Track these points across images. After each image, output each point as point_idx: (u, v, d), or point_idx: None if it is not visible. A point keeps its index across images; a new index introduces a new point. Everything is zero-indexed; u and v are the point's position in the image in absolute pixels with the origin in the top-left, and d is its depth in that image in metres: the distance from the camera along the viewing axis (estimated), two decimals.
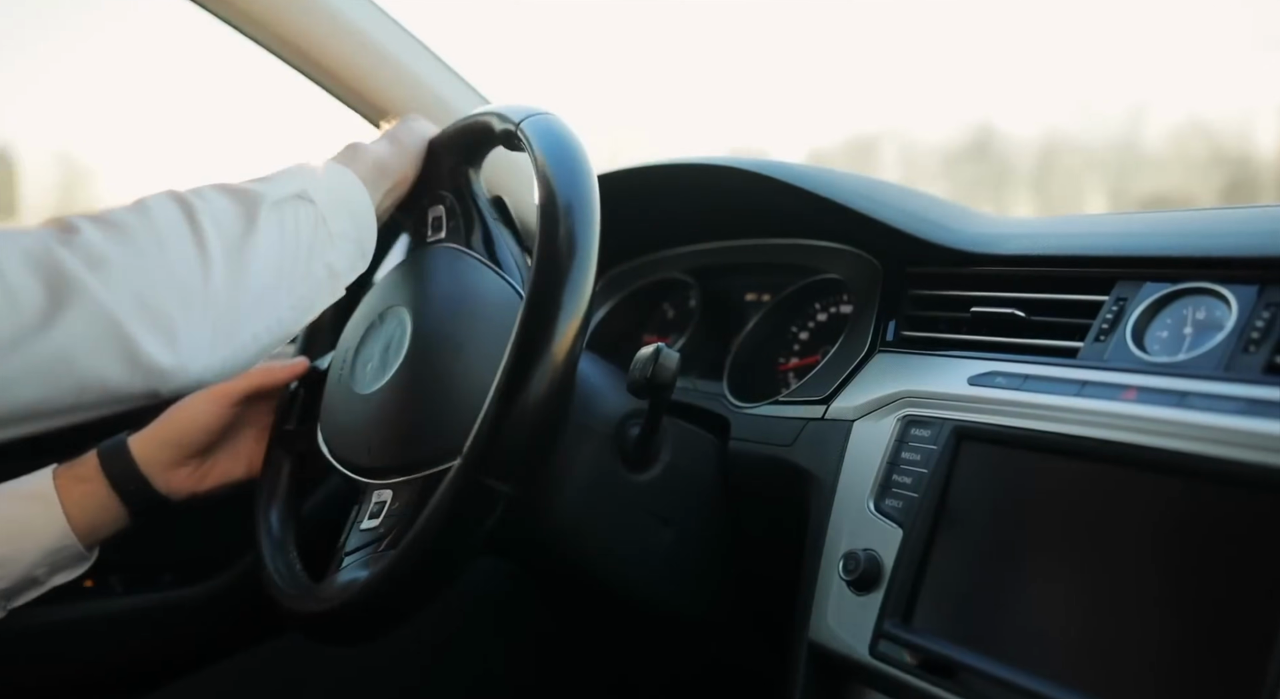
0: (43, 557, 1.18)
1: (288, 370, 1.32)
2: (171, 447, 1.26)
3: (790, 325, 1.51)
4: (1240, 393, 0.85)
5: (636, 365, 1.10)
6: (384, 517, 1.11)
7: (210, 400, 1.27)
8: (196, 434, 1.26)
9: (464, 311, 1.14)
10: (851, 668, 1.06)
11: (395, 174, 1.23)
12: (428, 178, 1.28)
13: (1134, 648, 0.83)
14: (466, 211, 1.25)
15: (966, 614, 0.96)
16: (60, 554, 1.20)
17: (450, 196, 1.26)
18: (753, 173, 1.34)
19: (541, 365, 0.95)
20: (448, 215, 1.25)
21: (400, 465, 1.12)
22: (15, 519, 1.18)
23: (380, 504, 1.12)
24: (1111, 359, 0.98)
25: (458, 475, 0.98)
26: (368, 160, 1.20)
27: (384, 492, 1.13)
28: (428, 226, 1.27)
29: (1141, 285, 1.01)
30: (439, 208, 1.26)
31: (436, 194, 1.27)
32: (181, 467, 1.27)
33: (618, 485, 1.19)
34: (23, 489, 1.21)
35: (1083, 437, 0.92)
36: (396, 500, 1.11)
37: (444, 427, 1.07)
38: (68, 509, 1.20)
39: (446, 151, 1.28)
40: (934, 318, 1.21)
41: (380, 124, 1.43)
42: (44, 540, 1.18)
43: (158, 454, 1.25)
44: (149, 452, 1.25)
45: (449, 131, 1.27)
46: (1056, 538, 0.92)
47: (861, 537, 1.08)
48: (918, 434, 1.08)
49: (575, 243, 0.97)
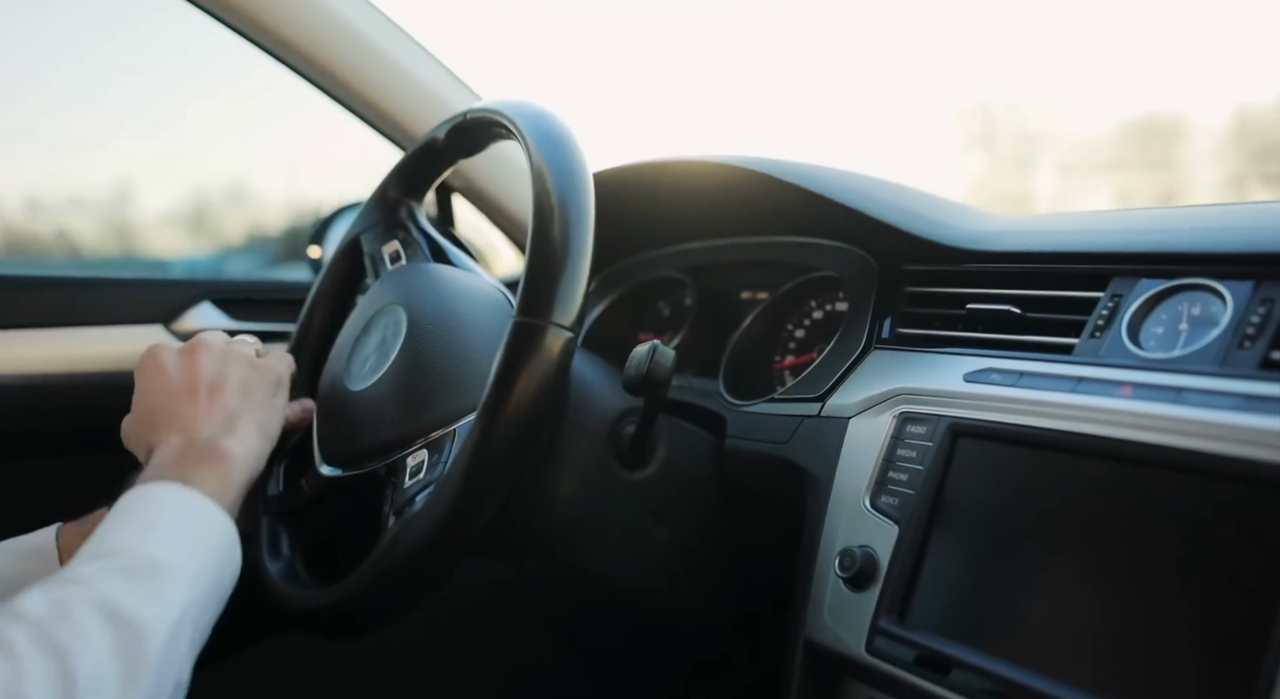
0: None
1: (299, 418, 1.28)
2: None
3: (786, 323, 1.51)
4: (1236, 388, 0.85)
5: (632, 363, 1.10)
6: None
7: None
8: None
9: (455, 306, 1.15)
10: (847, 665, 1.06)
11: (256, 467, 1.10)
12: (376, 223, 1.35)
13: (1129, 643, 0.83)
14: (418, 241, 1.31)
15: (962, 611, 0.96)
16: None
17: (401, 232, 1.32)
18: (748, 170, 1.34)
19: (535, 365, 0.95)
20: (403, 246, 1.31)
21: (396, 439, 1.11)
22: (13, 575, 1.12)
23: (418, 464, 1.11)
24: (1107, 355, 0.98)
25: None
26: (234, 475, 1.04)
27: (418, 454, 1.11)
28: (385, 262, 1.31)
29: (1137, 281, 1.01)
30: (393, 243, 1.32)
31: (386, 235, 1.33)
32: None
33: (613, 483, 1.19)
34: (23, 546, 1.16)
35: (1078, 433, 0.92)
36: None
37: (438, 402, 1.07)
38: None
39: (390, 190, 1.35)
40: (929, 315, 1.21)
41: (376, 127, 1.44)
42: None
43: None
44: None
45: (392, 172, 1.33)
46: (1052, 534, 0.92)
47: (857, 534, 1.08)
48: (913, 431, 1.08)
49: (569, 239, 0.97)
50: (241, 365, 1.12)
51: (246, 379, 1.12)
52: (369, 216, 1.36)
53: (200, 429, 1.05)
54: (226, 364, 1.11)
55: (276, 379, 1.15)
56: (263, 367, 1.15)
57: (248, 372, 1.12)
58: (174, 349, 1.13)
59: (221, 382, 1.10)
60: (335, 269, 1.40)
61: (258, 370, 1.13)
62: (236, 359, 1.12)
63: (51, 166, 2.15)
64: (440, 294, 1.16)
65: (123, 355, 1.70)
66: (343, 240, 1.39)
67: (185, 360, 1.11)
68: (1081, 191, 6.25)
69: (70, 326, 1.66)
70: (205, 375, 1.10)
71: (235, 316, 1.81)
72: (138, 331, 1.72)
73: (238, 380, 1.11)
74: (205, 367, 1.10)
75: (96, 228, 2.38)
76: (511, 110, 1.13)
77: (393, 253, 1.31)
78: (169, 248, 2.61)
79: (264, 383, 1.13)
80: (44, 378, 1.62)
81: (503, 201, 1.91)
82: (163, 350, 1.13)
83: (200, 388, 1.08)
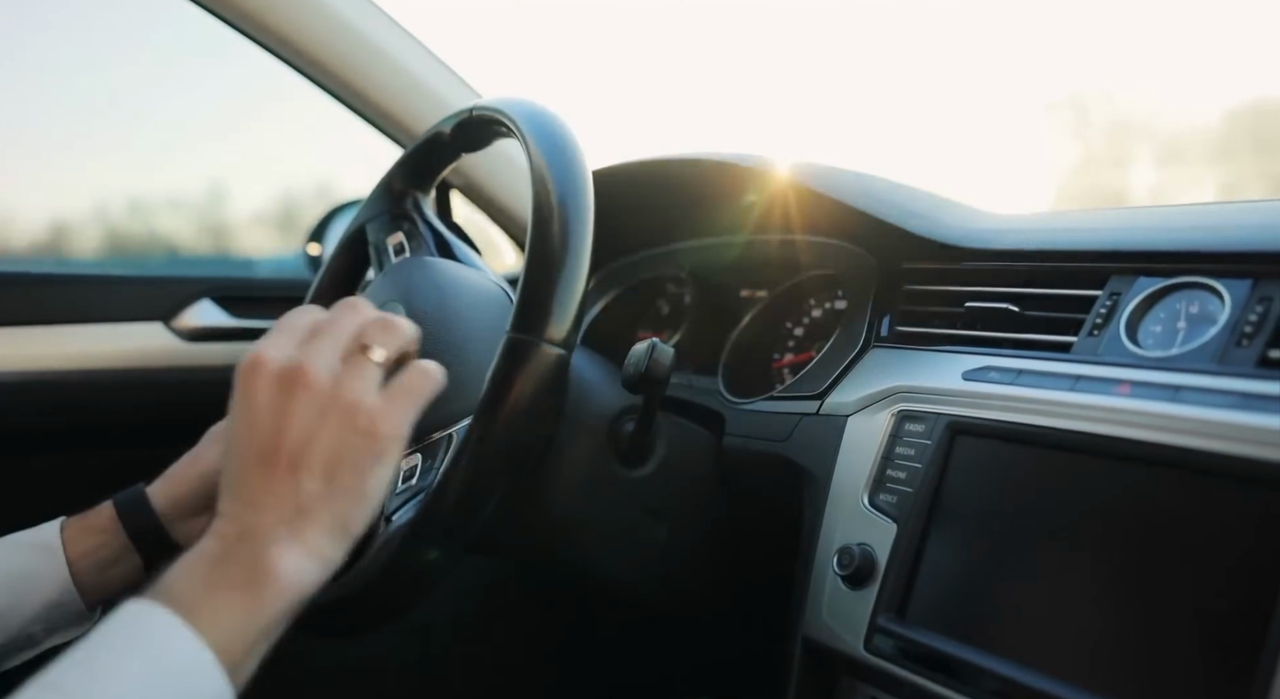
0: (41, 611, 1.14)
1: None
2: (196, 496, 1.21)
3: (785, 321, 1.51)
4: (1234, 387, 0.85)
5: (631, 361, 1.11)
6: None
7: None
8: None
9: (455, 304, 1.15)
10: (846, 662, 1.06)
11: (308, 591, 0.84)
12: (382, 212, 1.33)
13: (1127, 641, 0.83)
14: (423, 233, 1.29)
15: (960, 609, 0.96)
16: (59, 611, 1.15)
17: (406, 223, 1.31)
18: (747, 169, 1.34)
19: (526, 381, 0.95)
20: (407, 238, 1.30)
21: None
22: (15, 570, 1.14)
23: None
24: (1105, 354, 0.98)
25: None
26: (268, 609, 0.79)
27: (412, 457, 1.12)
28: (389, 254, 1.30)
29: (1135, 280, 1.01)
30: (398, 235, 1.30)
31: (391, 225, 1.32)
32: (202, 516, 1.22)
33: (612, 481, 1.20)
34: (27, 539, 1.17)
35: (1077, 431, 0.92)
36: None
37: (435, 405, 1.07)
38: (73, 561, 1.15)
39: (396, 180, 1.33)
40: (928, 313, 1.21)
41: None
42: (44, 594, 1.14)
43: (179, 503, 1.21)
44: (170, 501, 1.21)
45: (398, 163, 1.31)
46: (1050, 532, 0.92)
47: (856, 532, 1.08)
48: (912, 429, 1.08)
49: (569, 236, 0.97)
50: (344, 427, 0.84)
51: (342, 450, 0.83)
52: (374, 206, 1.35)
53: (259, 517, 0.81)
54: (325, 419, 0.83)
55: (386, 444, 0.86)
56: (371, 429, 0.84)
57: (349, 437, 0.84)
58: (277, 369, 0.85)
59: (307, 450, 0.83)
60: (339, 258, 1.41)
61: (362, 436, 0.84)
62: (343, 414, 0.84)
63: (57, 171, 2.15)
64: (440, 291, 1.16)
65: (122, 352, 1.70)
66: (348, 229, 1.39)
67: (280, 398, 0.84)
68: (1184, 184, 6.00)
69: (69, 324, 1.66)
70: (292, 434, 0.83)
71: (235, 313, 1.81)
72: (137, 329, 1.72)
73: (330, 451, 0.83)
74: (299, 418, 0.83)
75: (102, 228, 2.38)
76: (515, 111, 1.13)
77: (397, 245, 1.30)
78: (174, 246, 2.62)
79: (367, 455, 0.84)
80: (43, 374, 1.62)
81: (503, 200, 1.91)
82: (265, 366, 0.85)
83: (280, 453, 0.82)
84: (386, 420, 0.85)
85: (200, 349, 1.77)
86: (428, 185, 1.36)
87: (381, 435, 0.85)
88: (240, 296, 1.83)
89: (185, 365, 1.75)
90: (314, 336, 0.88)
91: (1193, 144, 5.97)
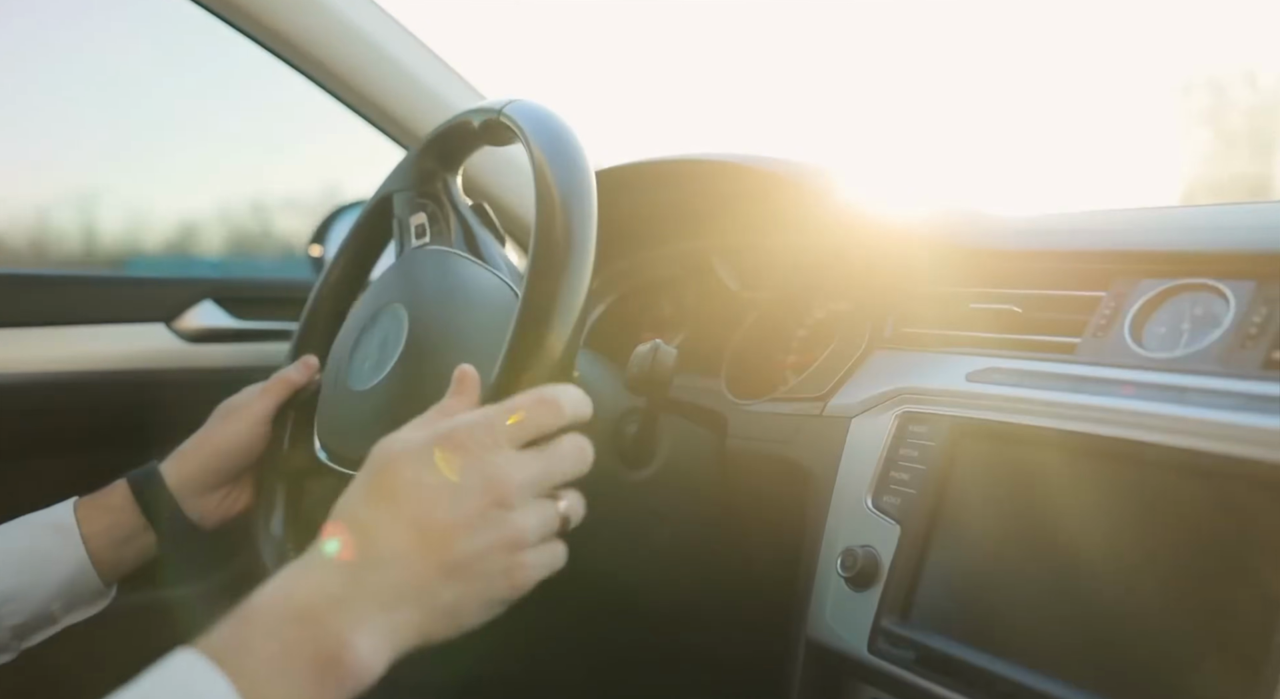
0: (59, 589, 1.17)
1: (303, 372, 1.31)
2: (209, 472, 1.25)
3: (788, 323, 1.51)
4: (1238, 388, 0.84)
5: (634, 362, 1.10)
6: None
7: (245, 422, 1.26)
8: (235, 457, 1.26)
9: (459, 306, 1.13)
10: (850, 665, 1.06)
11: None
12: (409, 187, 1.29)
13: (1132, 643, 0.83)
14: (447, 217, 1.26)
15: (964, 611, 0.96)
16: (77, 588, 1.18)
17: (431, 203, 1.27)
18: (749, 168, 1.34)
19: (538, 364, 0.94)
20: (430, 221, 1.26)
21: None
22: (32, 549, 1.17)
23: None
24: (1109, 355, 0.98)
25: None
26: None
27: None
28: (411, 234, 1.27)
29: (1139, 281, 1.01)
30: (420, 215, 1.27)
31: (417, 202, 1.28)
32: (214, 492, 1.26)
33: (615, 483, 1.19)
34: (42, 519, 1.20)
35: (1080, 433, 0.92)
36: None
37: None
38: (89, 540, 1.18)
39: (425, 158, 1.29)
40: (932, 315, 1.20)
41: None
42: (61, 572, 1.17)
43: (192, 480, 1.24)
44: (183, 478, 1.24)
45: (427, 140, 1.28)
46: (1054, 534, 0.91)
47: (859, 533, 1.08)
48: (915, 431, 1.07)
49: (572, 237, 0.96)
50: (506, 566, 0.83)
51: (491, 584, 0.83)
52: (403, 177, 1.32)
53: (369, 606, 0.77)
54: (500, 553, 0.83)
55: (515, 596, 0.86)
56: (519, 581, 0.85)
57: (501, 578, 0.84)
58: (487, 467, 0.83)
59: (470, 564, 0.81)
60: (363, 227, 1.38)
61: (510, 582, 0.85)
62: (513, 553, 0.84)
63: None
64: (445, 295, 1.15)
65: (124, 354, 1.70)
66: (374, 197, 1.36)
67: (488, 509, 0.82)
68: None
69: (71, 325, 1.67)
70: (467, 545, 0.81)
71: (237, 315, 1.81)
72: (139, 330, 1.72)
73: (483, 578, 0.82)
74: (482, 537, 0.81)
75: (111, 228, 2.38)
76: (514, 110, 1.12)
77: (419, 226, 1.27)
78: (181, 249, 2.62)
79: (500, 596, 0.85)
80: (45, 375, 1.62)
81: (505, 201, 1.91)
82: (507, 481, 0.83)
83: (449, 553, 0.80)
84: (528, 578, 0.86)
85: (202, 350, 1.77)
86: (455, 166, 1.31)
87: (519, 588, 0.86)
88: (243, 298, 1.84)
89: (187, 367, 1.75)
90: (550, 463, 0.87)
91: None
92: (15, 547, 1.16)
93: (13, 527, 1.19)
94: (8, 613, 1.14)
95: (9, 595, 1.14)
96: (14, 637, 1.16)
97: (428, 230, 1.26)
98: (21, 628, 1.15)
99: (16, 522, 1.19)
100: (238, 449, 1.25)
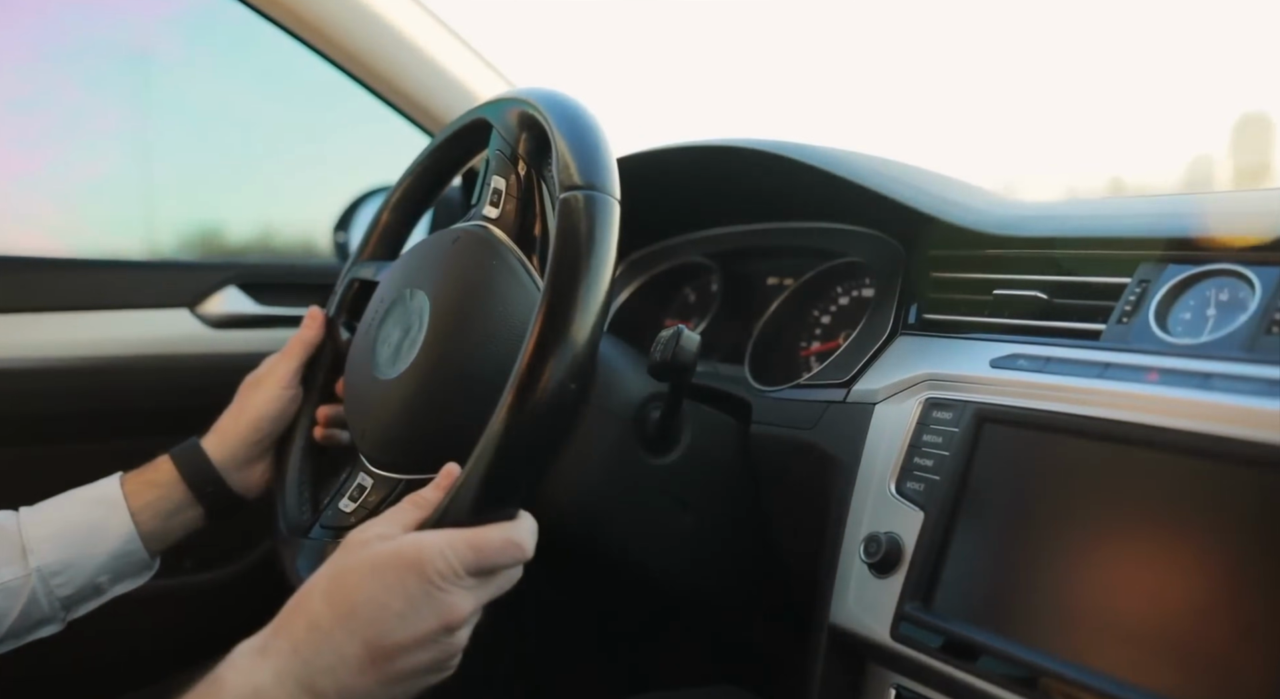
0: (108, 561, 1.20)
1: (314, 328, 1.34)
2: (248, 445, 1.28)
3: (812, 309, 1.51)
4: (1263, 374, 0.84)
5: (657, 348, 1.10)
6: (358, 505, 1.14)
7: (273, 387, 1.29)
8: (270, 424, 1.29)
9: (485, 317, 1.09)
10: (872, 650, 1.06)
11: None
12: (504, 141, 1.17)
13: (1156, 629, 0.83)
14: (527, 196, 1.16)
15: (988, 596, 0.96)
16: (125, 560, 1.22)
17: (514, 174, 1.16)
18: (773, 155, 1.34)
19: (559, 360, 0.92)
20: (507, 193, 1.16)
21: (390, 461, 1.13)
22: (82, 523, 1.20)
23: (361, 489, 1.14)
24: (1134, 341, 0.97)
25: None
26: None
27: (366, 478, 1.14)
28: (485, 198, 1.17)
29: (1164, 267, 1.00)
30: (502, 180, 1.16)
31: (506, 163, 1.17)
32: (257, 463, 1.30)
33: (638, 469, 1.19)
34: (90, 494, 1.23)
35: (1105, 419, 0.92)
36: (373, 494, 1.13)
37: (438, 442, 1.06)
38: (135, 513, 1.22)
39: (532, 129, 1.16)
40: (956, 301, 1.20)
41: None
42: (110, 544, 1.20)
43: (234, 454, 1.28)
44: (224, 451, 1.28)
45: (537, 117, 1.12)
46: (1078, 520, 0.91)
47: (883, 519, 1.08)
48: (939, 417, 1.07)
49: (595, 228, 0.95)
50: (441, 654, 0.89)
51: (428, 668, 0.88)
52: (504, 119, 1.19)
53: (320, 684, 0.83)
54: (436, 642, 0.88)
55: (444, 677, 0.92)
56: (450, 664, 0.91)
57: (436, 665, 0.89)
58: (443, 598, 0.87)
59: (407, 655, 0.86)
60: (453, 142, 1.31)
61: (441, 667, 0.90)
62: (449, 646, 0.89)
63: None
64: (472, 286, 1.11)
65: (148, 339, 1.71)
66: (470, 117, 1.26)
67: (433, 629, 0.87)
68: None
69: (96, 310, 1.68)
70: (415, 660, 0.87)
71: (261, 301, 1.82)
72: (163, 315, 1.73)
73: (421, 664, 0.88)
74: (418, 628, 0.86)
75: None
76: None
77: (495, 192, 1.16)
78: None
79: (432, 677, 0.90)
80: (70, 360, 1.63)
81: None
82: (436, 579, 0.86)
83: (394, 667, 0.86)
84: (453, 667, 0.92)
85: (226, 336, 1.78)
86: (549, 152, 1.10)
87: (448, 670, 0.92)
88: (267, 284, 1.84)
89: (211, 352, 1.76)
90: (497, 589, 0.93)
91: None
92: (65, 520, 1.20)
93: (60, 500, 1.22)
94: (57, 585, 1.17)
95: (59, 567, 1.17)
96: (62, 607, 1.19)
97: (501, 200, 1.16)
98: (70, 599, 1.19)
99: (63, 496, 1.22)
100: (270, 415, 1.28)
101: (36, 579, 1.16)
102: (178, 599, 1.49)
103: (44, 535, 1.17)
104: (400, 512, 0.94)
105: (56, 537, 1.18)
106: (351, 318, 1.36)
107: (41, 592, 1.16)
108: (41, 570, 1.16)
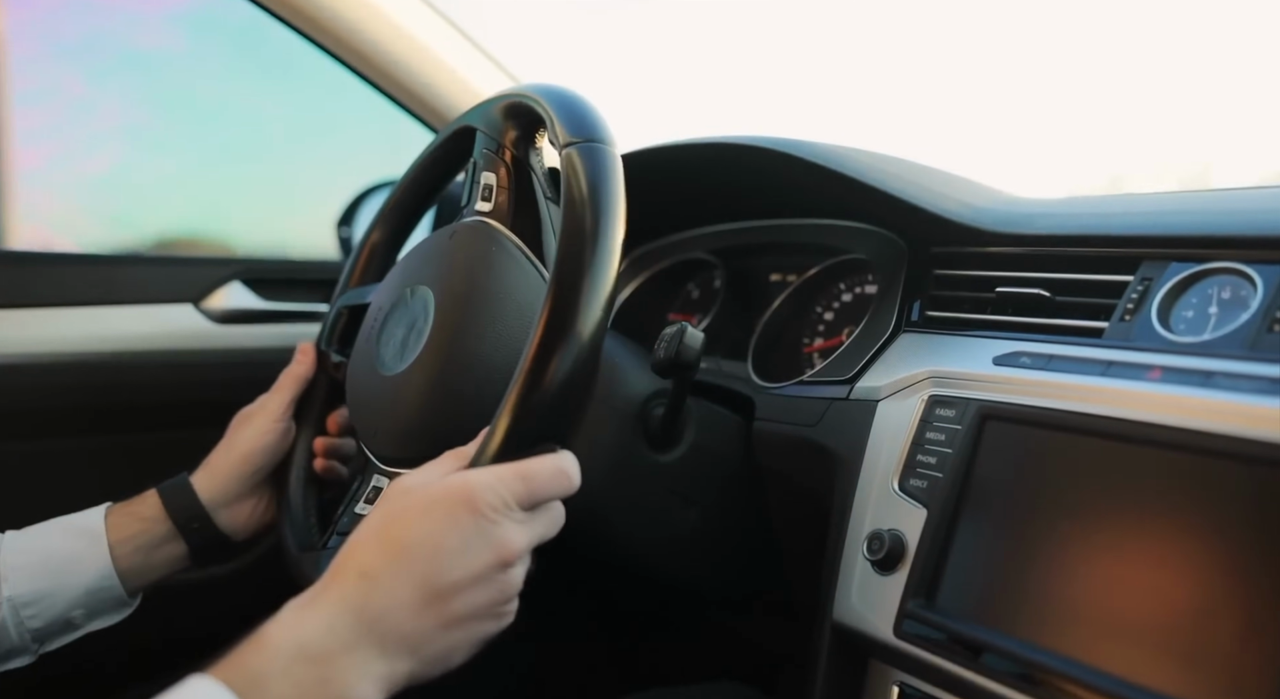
0: (82, 596, 1.18)
1: (304, 363, 1.33)
2: (238, 480, 1.26)
3: (815, 305, 1.51)
4: (1266, 372, 0.84)
5: (661, 345, 1.10)
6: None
7: (263, 422, 1.28)
8: (260, 459, 1.27)
9: (490, 303, 1.10)
10: (875, 647, 1.06)
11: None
12: (495, 143, 1.19)
13: (1158, 626, 0.83)
14: (519, 187, 1.18)
15: (991, 594, 0.96)
16: (99, 596, 1.19)
17: (504, 169, 1.19)
18: (777, 152, 1.34)
19: (563, 361, 0.92)
20: (498, 186, 1.18)
21: (406, 458, 1.11)
22: (59, 553, 1.18)
23: (376, 491, 1.13)
24: (1137, 339, 0.98)
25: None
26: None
27: (382, 479, 1.14)
28: (477, 195, 1.19)
29: (1167, 265, 1.01)
30: (492, 175, 1.18)
31: (494, 159, 1.19)
32: (246, 500, 1.28)
33: (642, 465, 1.19)
34: (73, 523, 1.21)
35: (1108, 416, 0.92)
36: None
37: (453, 431, 1.05)
38: (114, 546, 1.19)
39: (517, 118, 1.19)
40: (959, 298, 1.20)
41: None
42: (85, 578, 1.18)
43: (223, 490, 1.26)
44: (213, 487, 1.26)
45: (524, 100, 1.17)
46: (1080, 517, 0.91)
47: (886, 517, 1.08)
48: (942, 414, 1.07)
49: (600, 224, 0.96)
50: (499, 600, 0.87)
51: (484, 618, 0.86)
52: (487, 119, 1.21)
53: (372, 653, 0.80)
54: (492, 586, 0.85)
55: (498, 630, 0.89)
56: (506, 612, 0.89)
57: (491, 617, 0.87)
58: (495, 531, 0.85)
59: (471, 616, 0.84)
60: (439, 154, 1.32)
61: (499, 615, 0.88)
62: (506, 590, 0.87)
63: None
64: (476, 280, 1.12)
65: (152, 334, 1.71)
66: (455, 126, 1.28)
67: (487, 565, 0.84)
68: None
69: (99, 305, 1.68)
70: (471, 601, 0.84)
71: (265, 296, 1.82)
72: (167, 310, 1.73)
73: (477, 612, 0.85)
74: (481, 577, 0.84)
75: None
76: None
77: (485, 188, 1.18)
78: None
79: (489, 630, 0.88)
80: (74, 355, 1.63)
81: None
82: (487, 512, 0.84)
83: (450, 609, 0.83)
84: (512, 616, 0.89)
85: (230, 331, 1.78)
86: (535, 138, 1.19)
87: (503, 626, 0.89)
88: (271, 279, 1.84)
89: (215, 347, 1.76)
90: (536, 509, 0.90)
91: None
92: (42, 549, 1.17)
93: (45, 528, 1.20)
94: (28, 616, 1.15)
95: (31, 598, 1.15)
96: (34, 640, 1.16)
97: (493, 195, 1.18)
98: (40, 632, 1.16)
99: (48, 523, 1.20)
100: (261, 449, 1.27)
101: (7, 609, 1.13)
102: (178, 597, 1.50)
103: (20, 564, 1.15)
104: (439, 462, 0.92)
105: (32, 566, 1.15)
106: (343, 347, 1.34)
107: (11, 622, 1.14)
108: (13, 600, 1.14)
